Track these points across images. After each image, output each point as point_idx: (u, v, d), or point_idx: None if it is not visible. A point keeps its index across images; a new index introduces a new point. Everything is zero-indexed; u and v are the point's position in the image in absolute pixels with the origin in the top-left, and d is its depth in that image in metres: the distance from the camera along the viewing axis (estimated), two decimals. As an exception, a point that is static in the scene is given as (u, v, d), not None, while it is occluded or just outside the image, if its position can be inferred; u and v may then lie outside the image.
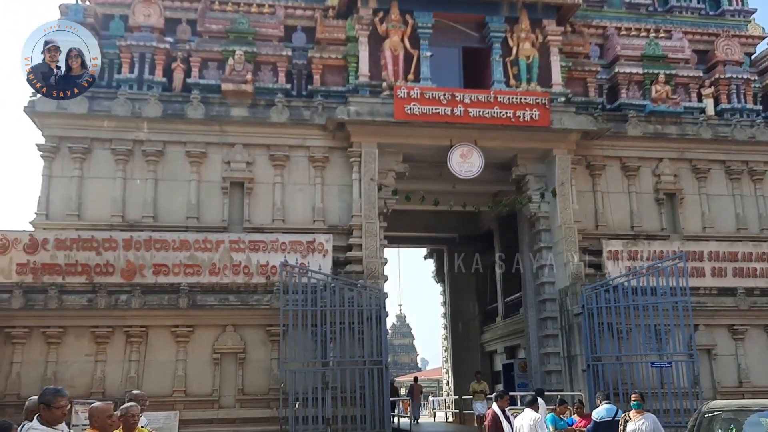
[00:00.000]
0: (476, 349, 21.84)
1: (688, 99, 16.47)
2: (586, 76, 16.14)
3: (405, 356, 57.95)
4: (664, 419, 12.66)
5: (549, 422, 9.82)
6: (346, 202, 14.33)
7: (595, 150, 15.46)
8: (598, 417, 9.35)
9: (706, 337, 14.57)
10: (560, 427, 9.90)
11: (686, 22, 17.38)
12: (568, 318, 14.07)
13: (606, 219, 15.37)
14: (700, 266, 14.90)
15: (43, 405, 4.26)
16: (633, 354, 13.37)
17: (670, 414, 12.66)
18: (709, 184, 16.00)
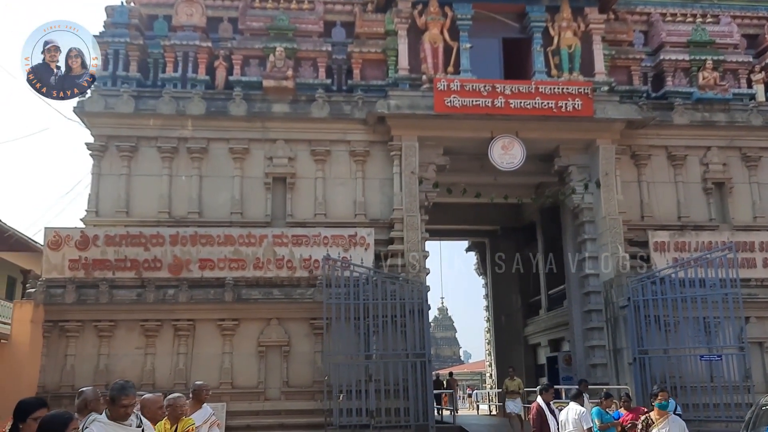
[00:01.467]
0: (519, 342, 21.68)
1: (738, 85, 15.97)
2: (630, 64, 15.80)
3: (447, 349, 57.90)
4: (714, 413, 12.44)
5: (595, 416, 9.69)
6: (387, 195, 14.38)
7: (640, 139, 15.14)
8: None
9: (757, 329, 14.18)
10: (606, 420, 9.75)
11: (735, 6, 16.85)
12: (614, 310, 13.85)
13: (652, 210, 15.06)
14: (750, 257, 14.49)
15: (109, 399, 4.26)
16: (681, 347, 13.12)
17: (720, 408, 12.38)
18: (759, 173, 15.51)
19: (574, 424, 8.31)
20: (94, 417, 4.25)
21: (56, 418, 3.24)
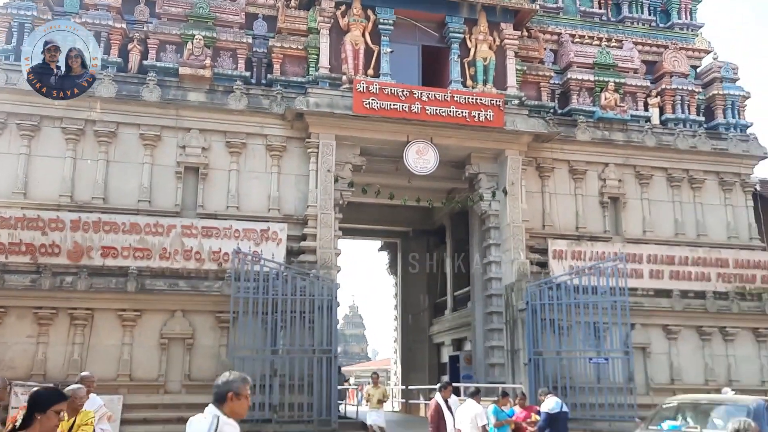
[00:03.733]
0: (425, 340, 22.25)
1: (635, 107, 17.10)
2: (539, 80, 16.59)
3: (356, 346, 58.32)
4: (600, 413, 13.31)
5: (491, 414, 10.17)
6: (302, 192, 14.43)
7: (545, 152, 15.94)
8: (550, 409, 9.73)
9: (641, 335, 15.24)
10: (501, 418, 10.25)
11: (637, 33, 18.04)
12: (513, 313, 14.52)
13: (552, 219, 15.88)
14: (639, 268, 15.56)
15: (232, 393, 3.50)
16: (572, 350, 13.93)
17: (605, 408, 13.25)
18: (650, 190, 16.68)
19: (471, 421, 8.68)
20: (224, 420, 3.50)
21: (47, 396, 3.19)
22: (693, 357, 15.60)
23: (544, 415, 9.66)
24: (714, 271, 15.99)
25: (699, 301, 15.71)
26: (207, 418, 3.45)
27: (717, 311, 15.67)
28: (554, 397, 10.01)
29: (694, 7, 18.66)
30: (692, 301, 15.70)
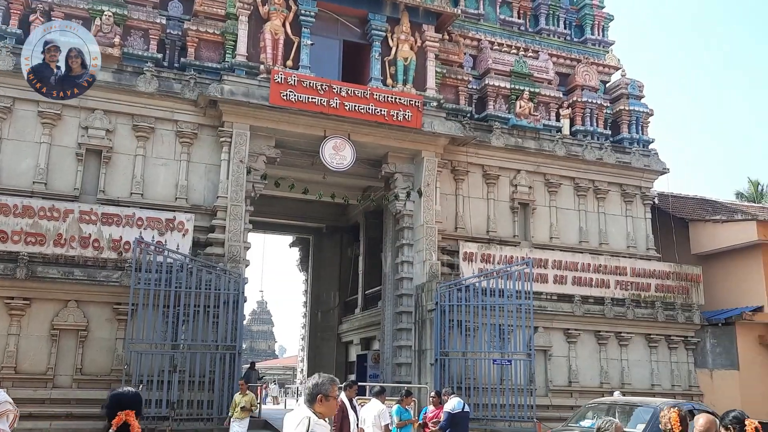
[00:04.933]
0: (333, 339, 22.10)
1: (548, 117, 17.64)
2: (458, 84, 16.81)
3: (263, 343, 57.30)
4: (501, 413, 13.60)
5: (395, 413, 10.15)
6: (213, 182, 13.96)
7: (461, 156, 16.17)
8: (452, 409, 9.78)
9: (543, 338, 15.72)
10: (405, 418, 10.24)
11: (552, 45, 18.61)
12: (422, 313, 14.62)
13: (465, 222, 16.12)
14: (544, 273, 16.03)
15: (321, 396, 3.71)
16: (478, 351, 14.17)
17: (507, 408, 13.55)
18: (559, 198, 17.26)
19: (374, 421, 8.61)
20: (315, 420, 3.72)
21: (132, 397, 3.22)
22: (590, 360, 16.24)
23: (445, 414, 9.74)
24: (613, 278, 16.71)
25: (598, 307, 16.37)
26: (299, 417, 3.68)
27: (614, 317, 16.39)
28: (457, 397, 10.11)
29: (606, 24, 19.46)
30: (592, 306, 16.34)
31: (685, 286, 17.34)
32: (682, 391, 16.60)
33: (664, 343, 16.92)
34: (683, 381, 16.87)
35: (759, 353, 17.28)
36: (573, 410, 15.05)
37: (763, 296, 17.49)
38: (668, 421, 3.98)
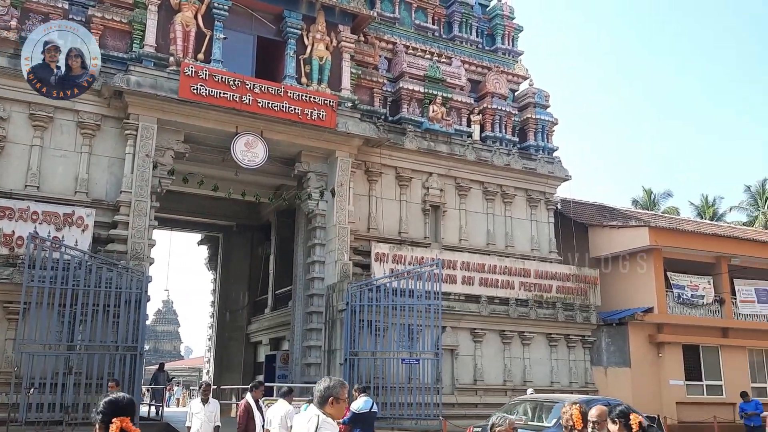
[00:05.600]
0: (242, 339, 21.70)
1: (459, 122, 18.07)
2: (373, 86, 16.93)
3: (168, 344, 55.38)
4: (408, 412, 13.78)
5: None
6: (116, 176, 13.39)
7: (374, 157, 16.29)
8: (357, 409, 9.79)
9: (451, 338, 16.08)
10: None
11: (465, 52, 19.09)
12: (333, 313, 14.61)
13: (377, 223, 16.26)
14: (453, 274, 16.40)
15: (333, 398, 3.93)
16: (387, 350, 14.31)
17: (414, 407, 13.75)
18: (468, 201, 17.71)
19: (280, 422, 8.51)
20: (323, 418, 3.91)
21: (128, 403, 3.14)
22: (495, 359, 16.76)
23: (350, 413, 9.76)
24: (518, 280, 17.32)
25: (503, 307, 16.92)
26: (309, 415, 3.90)
27: (518, 317, 16.99)
28: (366, 396, 10.15)
29: (516, 35, 20.15)
30: (498, 306, 16.87)
31: (583, 288, 18.21)
32: (579, 388, 17.41)
33: (564, 342, 17.70)
34: (580, 378, 17.70)
35: (648, 351, 18.41)
36: (477, 407, 15.56)
37: (653, 298, 18.65)
38: (570, 417, 4.16)
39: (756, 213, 46.27)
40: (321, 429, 3.80)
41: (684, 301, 19.31)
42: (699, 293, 19.61)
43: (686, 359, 18.78)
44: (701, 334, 19.20)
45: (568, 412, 4.18)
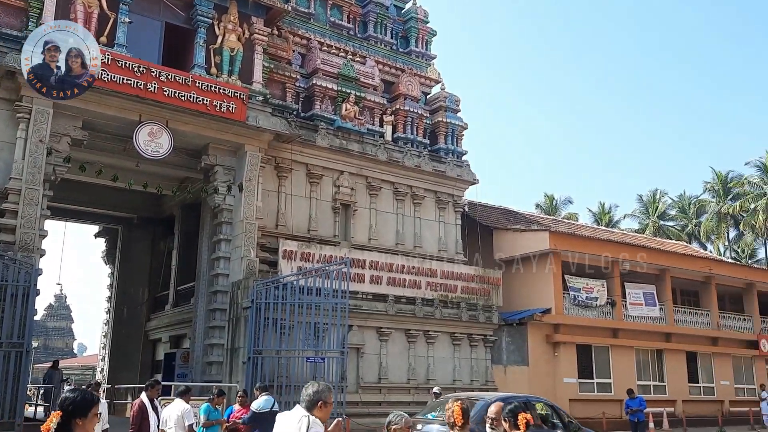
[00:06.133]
0: (140, 336, 20.81)
1: (372, 122, 18.15)
2: (286, 81, 16.70)
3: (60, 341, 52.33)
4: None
5: (202, 412, 9.80)
6: (5, 161, 12.55)
7: (285, 153, 16.08)
8: (258, 408, 9.61)
9: (357, 336, 16.13)
10: (213, 417, 9.92)
11: (379, 53, 19.18)
12: (237, 311, 14.30)
13: (286, 220, 16.06)
14: (362, 273, 16.45)
15: (322, 402, 4.08)
16: (292, 349, 14.15)
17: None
18: (379, 201, 17.83)
19: (176, 421, 8.23)
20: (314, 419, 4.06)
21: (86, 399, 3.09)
22: (400, 357, 16.95)
23: (250, 412, 9.59)
24: (424, 279, 17.59)
25: (409, 307, 17.15)
26: (298, 415, 3.98)
27: (423, 316, 17.26)
28: (267, 395, 9.99)
29: (429, 38, 20.46)
30: (404, 306, 17.07)
31: (487, 289, 18.74)
32: (479, 386, 17.91)
33: (467, 341, 18.14)
34: (481, 376, 18.21)
35: (545, 351, 19.20)
36: (381, 405, 15.68)
37: (551, 299, 19.47)
38: (451, 414, 4.23)
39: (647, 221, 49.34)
40: (312, 429, 3.90)
41: (579, 303, 20.27)
42: (593, 295, 20.64)
43: (579, 358, 19.73)
44: (594, 334, 20.23)
45: (450, 408, 4.26)
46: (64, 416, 3.02)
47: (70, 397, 3.11)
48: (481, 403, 10.19)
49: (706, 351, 23.10)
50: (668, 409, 20.74)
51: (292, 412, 4.10)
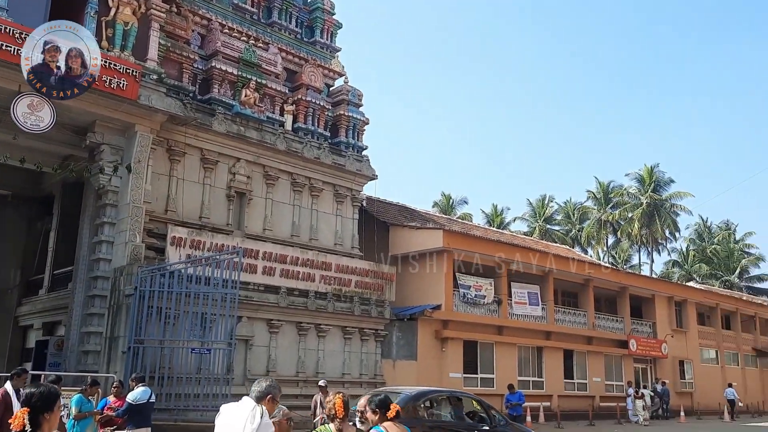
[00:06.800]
0: (9, 322, 19.36)
1: (272, 110, 17.82)
2: (183, 61, 16.06)
3: None
4: (194, 403, 13.29)
5: (73, 404, 9.28)
6: None
7: (179, 136, 15.48)
8: (134, 399, 9.21)
9: (247, 328, 15.82)
10: (86, 409, 9.40)
11: (283, 40, 18.85)
12: (119, 298, 13.63)
13: (177, 206, 15.48)
14: (254, 263, 16.13)
15: (271, 397, 4.22)
16: (177, 339, 13.66)
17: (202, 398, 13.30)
18: (275, 191, 17.55)
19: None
20: (267, 419, 4.18)
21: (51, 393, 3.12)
22: (290, 350, 16.79)
23: (126, 404, 9.18)
24: (319, 273, 17.51)
25: (302, 299, 17.01)
26: (249, 405, 4.08)
27: (316, 309, 17.19)
28: (144, 386, 9.58)
29: (335, 30, 20.34)
30: (296, 298, 16.92)
31: (380, 284, 18.93)
32: (368, 380, 18.08)
33: (358, 335, 18.25)
34: (370, 370, 18.37)
35: (434, 346, 19.68)
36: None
37: (442, 296, 19.98)
38: (333, 407, 4.27)
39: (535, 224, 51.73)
40: (264, 417, 4.04)
41: (468, 301, 20.93)
42: (482, 294, 21.39)
43: (465, 354, 20.39)
44: (480, 331, 20.96)
45: (331, 401, 4.31)
46: (32, 412, 3.05)
47: (35, 392, 3.14)
48: (402, 396, 10.28)
49: (582, 349, 24.52)
50: (545, 404, 21.90)
51: (242, 403, 4.18)
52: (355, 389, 17.23)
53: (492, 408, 11.17)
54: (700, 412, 28.30)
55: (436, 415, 10.23)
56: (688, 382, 29.22)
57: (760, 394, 33.60)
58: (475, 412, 10.96)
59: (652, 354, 27.59)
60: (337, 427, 4.29)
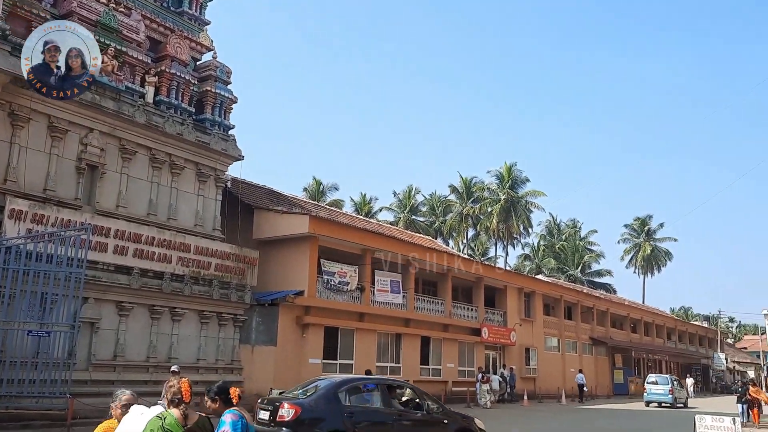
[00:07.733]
0: None
1: (132, 80, 16.77)
2: (32, 19, 14.66)
3: None
4: (29, 389, 12.30)
5: None
6: None
7: (23, 100, 14.16)
8: None
9: (93, 310, 14.84)
10: None
11: (147, 7, 17.77)
12: (-56, 275, 12.26)
13: (18, 176, 14.20)
14: (105, 242, 15.15)
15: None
16: (12, 320, 12.57)
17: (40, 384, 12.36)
18: (132, 166, 16.56)
19: None
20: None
21: None
22: (141, 334, 15.98)
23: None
24: (176, 254, 16.78)
25: (157, 281, 16.22)
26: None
27: (171, 292, 16.47)
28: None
29: (204, 2, 19.48)
30: (150, 280, 16.10)
31: (242, 268, 18.49)
32: (224, 365, 17.64)
33: (216, 320, 17.73)
34: (227, 356, 17.93)
35: (294, 331, 19.56)
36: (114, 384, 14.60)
37: (305, 282, 19.87)
38: (177, 391, 4.12)
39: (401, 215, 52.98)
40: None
41: (332, 287, 20.99)
42: (345, 280, 21.53)
43: (326, 340, 20.46)
44: (342, 317, 21.11)
45: (175, 386, 4.12)
46: None
47: None
48: (324, 383, 10.02)
49: (438, 336, 25.47)
50: (401, 389, 22.47)
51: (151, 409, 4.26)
52: (211, 375, 16.77)
53: (426, 395, 11.02)
54: (542, 396, 30.47)
55: (362, 402, 9.96)
56: (533, 368, 31.35)
57: (595, 379, 36.73)
58: (409, 399, 10.83)
59: (502, 341, 29.25)
60: (183, 411, 4.11)
